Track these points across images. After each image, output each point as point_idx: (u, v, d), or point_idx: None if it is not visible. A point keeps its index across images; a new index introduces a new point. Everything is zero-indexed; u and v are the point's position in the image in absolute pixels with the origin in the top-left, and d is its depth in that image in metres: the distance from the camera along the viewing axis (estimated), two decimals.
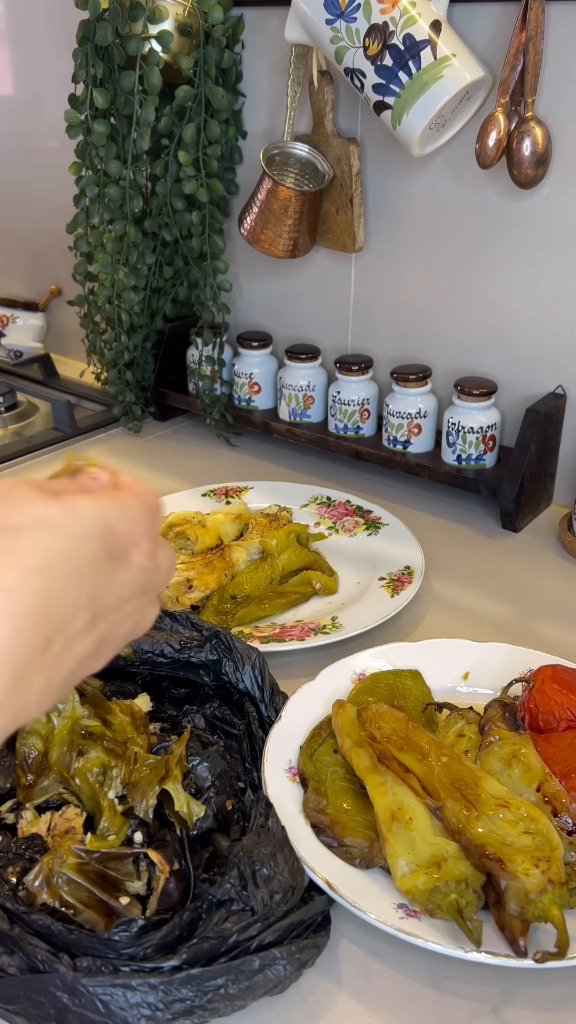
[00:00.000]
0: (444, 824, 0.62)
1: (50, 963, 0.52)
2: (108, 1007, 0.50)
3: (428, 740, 0.67)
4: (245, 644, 0.74)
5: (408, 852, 0.60)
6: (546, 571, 1.01)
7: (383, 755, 0.67)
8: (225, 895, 0.55)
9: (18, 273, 1.69)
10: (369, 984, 0.57)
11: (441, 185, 1.10)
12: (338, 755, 0.70)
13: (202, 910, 0.55)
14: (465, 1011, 0.55)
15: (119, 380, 1.31)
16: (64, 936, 0.54)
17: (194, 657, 0.73)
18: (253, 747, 0.70)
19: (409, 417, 1.12)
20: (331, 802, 0.66)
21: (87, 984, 0.50)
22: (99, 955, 0.53)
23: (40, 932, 0.54)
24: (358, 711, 0.72)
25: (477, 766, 0.66)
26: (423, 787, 0.64)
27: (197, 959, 0.53)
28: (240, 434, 1.32)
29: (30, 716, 0.41)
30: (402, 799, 0.63)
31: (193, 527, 0.98)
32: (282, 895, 0.56)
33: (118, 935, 0.53)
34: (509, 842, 0.59)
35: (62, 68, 1.24)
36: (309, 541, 1.03)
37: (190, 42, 1.12)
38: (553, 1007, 0.56)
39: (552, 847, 0.59)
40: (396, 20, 0.93)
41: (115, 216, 1.18)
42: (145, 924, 0.54)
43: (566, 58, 0.96)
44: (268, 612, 0.91)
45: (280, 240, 1.15)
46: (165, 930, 0.54)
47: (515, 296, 1.08)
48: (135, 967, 0.52)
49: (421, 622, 0.92)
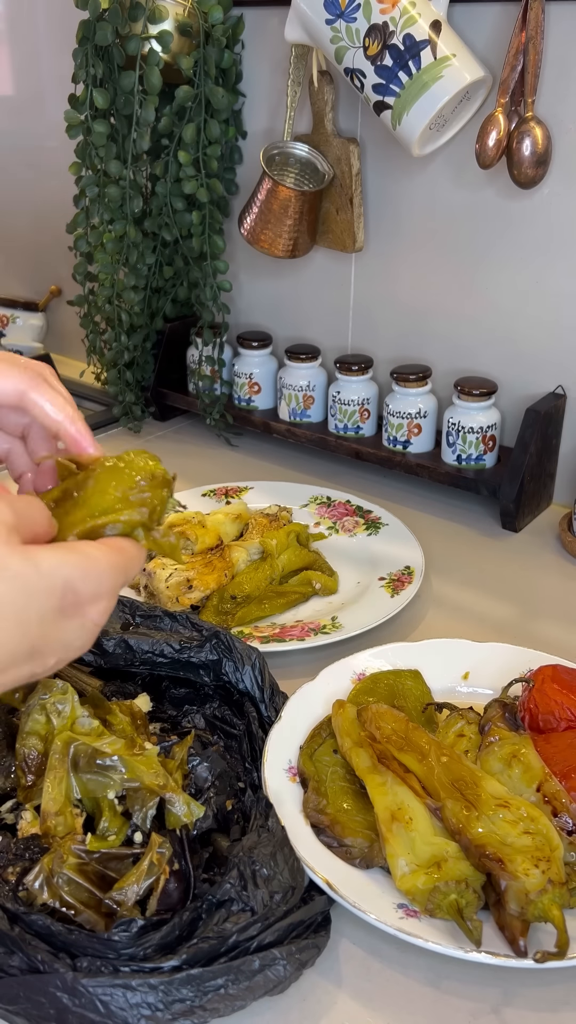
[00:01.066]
0: (444, 824, 0.62)
1: (50, 963, 0.52)
2: (108, 1007, 0.50)
3: (428, 740, 0.67)
4: (245, 644, 0.74)
5: (408, 852, 0.60)
6: (546, 571, 1.01)
7: (383, 755, 0.67)
8: (225, 895, 0.55)
9: (18, 273, 1.69)
10: (369, 984, 0.57)
11: (441, 185, 1.10)
12: (338, 755, 0.70)
13: (202, 910, 0.55)
14: (465, 1011, 0.55)
15: (119, 380, 1.31)
16: (64, 936, 0.54)
17: (194, 657, 0.73)
18: (253, 747, 0.70)
19: (409, 417, 1.12)
20: (331, 802, 0.66)
21: (87, 984, 0.50)
22: (99, 955, 0.53)
23: (40, 932, 0.54)
24: (358, 711, 0.72)
25: (477, 766, 0.66)
26: (423, 787, 0.64)
27: (197, 959, 0.53)
28: (240, 434, 1.32)
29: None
30: (402, 799, 0.63)
31: (193, 527, 0.98)
32: (282, 895, 0.56)
33: (118, 935, 0.53)
34: (509, 842, 0.59)
35: (62, 68, 1.24)
36: (309, 541, 1.03)
37: (190, 42, 1.12)
38: (553, 1007, 0.56)
39: (552, 847, 0.59)
40: (396, 20, 0.93)
41: (115, 216, 1.18)
42: (145, 924, 0.54)
43: (566, 58, 0.96)
44: (268, 612, 0.91)
45: (280, 240, 1.15)
46: (165, 930, 0.54)
47: (515, 296, 1.08)
48: (135, 967, 0.52)
49: (421, 622, 0.92)
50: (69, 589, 0.43)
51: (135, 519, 0.50)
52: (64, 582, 0.43)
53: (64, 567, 0.43)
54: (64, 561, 0.44)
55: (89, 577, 0.44)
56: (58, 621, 0.43)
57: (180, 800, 0.61)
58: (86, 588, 0.44)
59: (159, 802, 0.62)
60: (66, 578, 0.43)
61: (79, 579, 0.44)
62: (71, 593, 0.43)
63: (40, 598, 0.42)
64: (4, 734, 0.68)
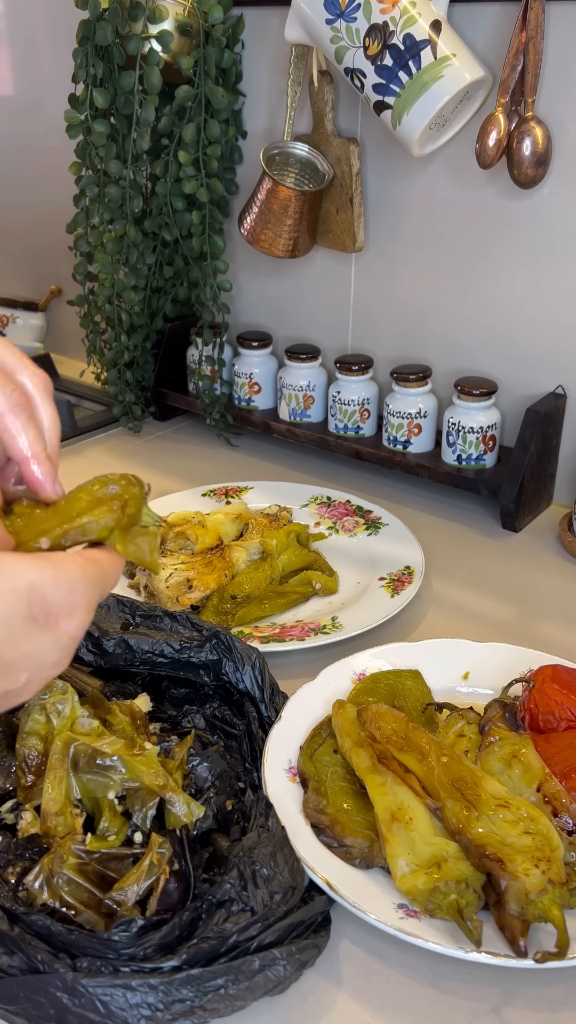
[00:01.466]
0: (444, 824, 0.62)
1: (50, 963, 0.52)
2: (108, 1007, 0.50)
3: (428, 740, 0.67)
4: (245, 644, 0.74)
5: (408, 852, 0.60)
6: (546, 571, 1.01)
7: (383, 755, 0.67)
8: (225, 895, 0.55)
9: (18, 273, 1.69)
10: (369, 984, 0.57)
11: (441, 185, 1.10)
12: (338, 755, 0.70)
13: (202, 910, 0.55)
14: (465, 1011, 0.55)
15: (119, 380, 1.31)
16: (64, 936, 0.54)
17: (194, 657, 0.73)
18: (253, 747, 0.70)
19: (409, 417, 1.12)
20: (331, 802, 0.66)
21: (87, 984, 0.50)
22: (99, 955, 0.53)
23: (40, 933, 0.54)
24: (358, 711, 0.72)
25: (477, 766, 0.66)
26: (423, 787, 0.64)
27: (197, 959, 0.53)
28: (240, 434, 1.32)
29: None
30: (402, 799, 0.63)
31: (193, 527, 0.98)
32: (282, 895, 0.56)
33: (118, 935, 0.53)
34: (509, 842, 0.59)
35: (62, 68, 1.24)
36: (309, 541, 1.03)
37: (190, 42, 1.12)
38: (553, 1007, 0.56)
39: (552, 847, 0.59)
40: (396, 20, 0.93)
41: (115, 216, 1.18)
42: (145, 924, 0.54)
43: (566, 58, 0.96)
44: (268, 612, 0.91)
45: (280, 240, 1.15)
46: (165, 930, 0.54)
47: (515, 296, 1.08)
48: (135, 967, 0.52)
49: (421, 622, 0.92)
50: (37, 594, 0.42)
51: (106, 519, 0.48)
52: (29, 585, 0.41)
53: (28, 571, 0.42)
54: (28, 565, 0.42)
55: (59, 584, 0.43)
56: (28, 629, 0.42)
57: (180, 800, 0.61)
58: (56, 597, 0.42)
59: (159, 802, 0.62)
60: (31, 582, 0.42)
61: (47, 585, 0.42)
62: (40, 600, 0.42)
63: (4, 601, 0.41)
64: (4, 734, 0.68)
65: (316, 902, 0.58)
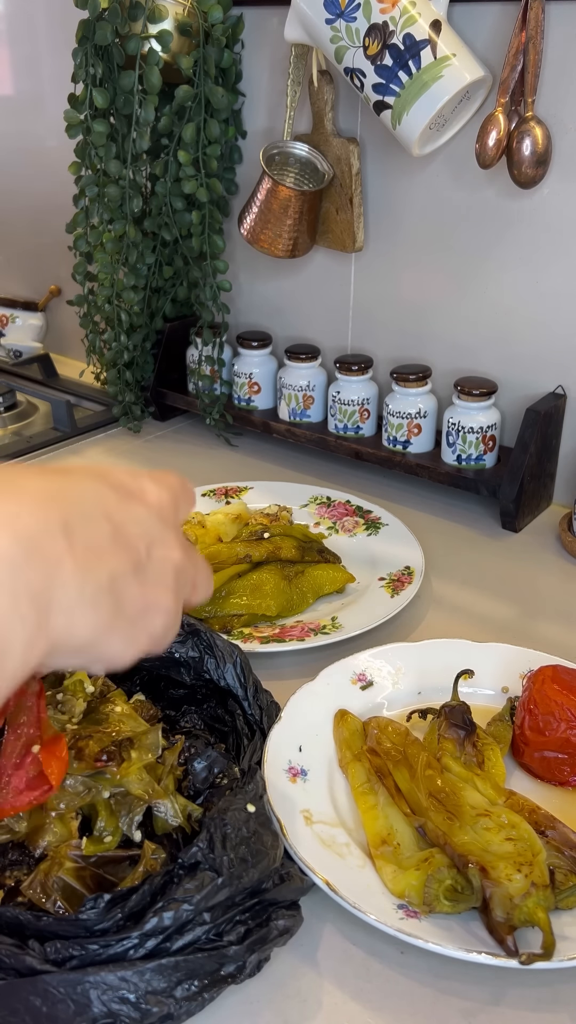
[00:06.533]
0: (428, 839, 0.62)
1: (15, 956, 0.50)
2: (82, 1002, 0.49)
3: (419, 754, 0.68)
4: (226, 641, 0.72)
5: (396, 863, 0.61)
6: (546, 571, 1.01)
7: (380, 771, 0.67)
8: (193, 859, 0.54)
9: (18, 273, 1.69)
10: (369, 984, 0.57)
11: (441, 185, 1.10)
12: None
13: (174, 875, 0.54)
14: (465, 1011, 0.55)
15: (119, 380, 1.31)
16: (33, 924, 0.52)
17: (176, 653, 0.72)
18: (239, 744, 0.69)
19: (409, 417, 1.12)
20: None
21: (59, 983, 0.49)
22: (69, 936, 0.52)
23: (10, 924, 0.53)
24: (364, 722, 0.72)
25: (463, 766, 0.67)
26: (411, 807, 0.65)
27: (167, 927, 0.51)
28: (240, 434, 1.32)
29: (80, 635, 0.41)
30: (392, 823, 0.63)
31: (193, 527, 0.98)
32: (253, 859, 0.55)
33: (86, 913, 0.52)
34: (492, 850, 0.59)
35: (62, 68, 1.24)
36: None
37: (190, 42, 1.12)
38: (553, 1007, 0.56)
39: (534, 851, 0.59)
40: (396, 20, 0.93)
41: (115, 216, 1.18)
42: (114, 896, 0.53)
43: (566, 58, 0.96)
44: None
45: (280, 240, 1.15)
46: (135, 899, 0.53)
47: (515, 296, 1.08)
48: (104, 942, 0.51)
49: (421, 622, 0.92)
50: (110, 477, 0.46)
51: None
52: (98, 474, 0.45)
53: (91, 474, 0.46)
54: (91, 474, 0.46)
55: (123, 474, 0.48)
56: (117, 496, 0.45)
57: (167, 805, 0.61)
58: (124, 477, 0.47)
59: (146, 809, 0.61)
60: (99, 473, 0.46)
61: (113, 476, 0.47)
62: (114, 478, 0.46)
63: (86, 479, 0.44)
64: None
65: (291, 884, 0.57)
